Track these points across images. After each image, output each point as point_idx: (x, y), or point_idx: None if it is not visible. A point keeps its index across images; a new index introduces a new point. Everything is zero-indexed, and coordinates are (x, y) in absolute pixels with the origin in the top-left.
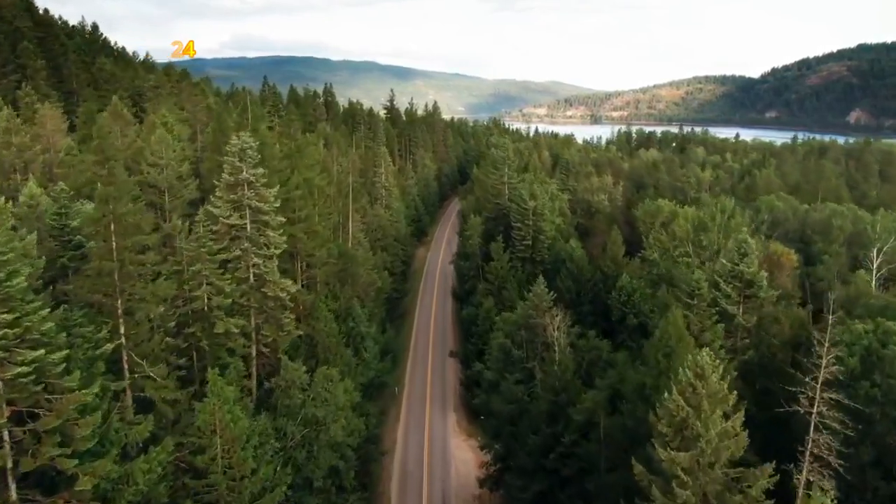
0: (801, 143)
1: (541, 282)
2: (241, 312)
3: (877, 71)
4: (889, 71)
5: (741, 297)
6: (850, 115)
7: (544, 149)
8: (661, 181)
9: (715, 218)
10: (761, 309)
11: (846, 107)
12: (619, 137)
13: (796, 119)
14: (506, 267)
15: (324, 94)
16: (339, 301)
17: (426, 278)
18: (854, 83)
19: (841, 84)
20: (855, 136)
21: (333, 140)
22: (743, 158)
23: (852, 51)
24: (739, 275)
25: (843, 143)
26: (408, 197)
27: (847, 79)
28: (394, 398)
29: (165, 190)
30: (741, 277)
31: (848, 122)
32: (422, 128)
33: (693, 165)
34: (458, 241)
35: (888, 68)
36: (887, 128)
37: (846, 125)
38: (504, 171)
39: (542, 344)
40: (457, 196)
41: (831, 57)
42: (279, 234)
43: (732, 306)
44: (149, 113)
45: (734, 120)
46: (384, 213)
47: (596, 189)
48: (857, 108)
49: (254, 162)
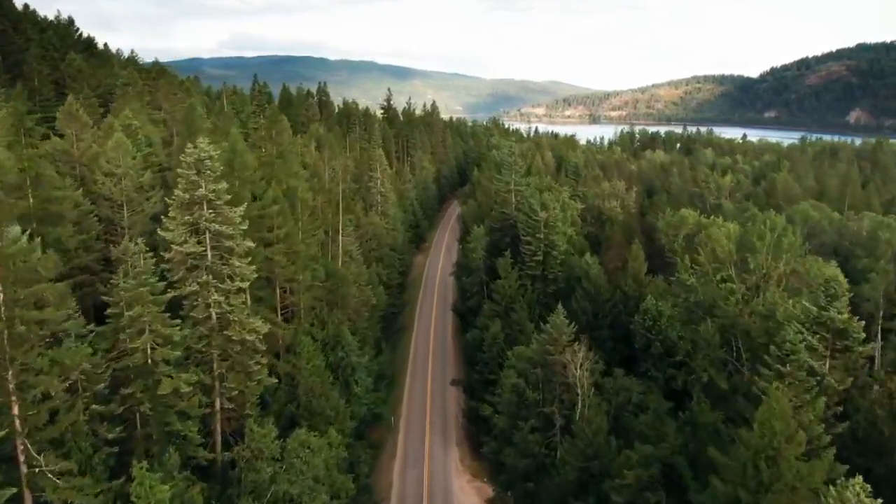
0: (809, 143)
1: (559, 311)
2: (200, 361)
3: (876, 70)
4: (889, 70)
5: (829, 349)
6: (850, 114)
7: (547, 150)
8: (674, 185)
9: (764, 237)
10: (856, 366)
11: (846, 106)
12: (622, 138)
13: (796, 119)
14: (514, 286)
15: (318, 93)
16: (327, 328)
17: (425, 289)
18: (853, 83)
19: (840, 84)
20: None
21: (326, 142)
22: (754, 160)
23: (851, 50)
24: (827, 322)
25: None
26: (405, 201)
27: (846, 78)
28: (390, 429)
29: (124, 203)
30: (829, 325)
31: (848, 122)
32: (420, 128)
33: (703, 167)
34: (458, 248)
35: (888, 68)
36: (887, 127)
37: (846, 125)
38: (510, 178)
39: (561, 385)
40: (456, 198)
41: (830, 56)
42: (247, 263)
43: (817, 361)
44: (114, 114)
45: (733, 120)
46: (380, 221)
47: (607, 195)
48: (856, 108)
49: (215, 174)
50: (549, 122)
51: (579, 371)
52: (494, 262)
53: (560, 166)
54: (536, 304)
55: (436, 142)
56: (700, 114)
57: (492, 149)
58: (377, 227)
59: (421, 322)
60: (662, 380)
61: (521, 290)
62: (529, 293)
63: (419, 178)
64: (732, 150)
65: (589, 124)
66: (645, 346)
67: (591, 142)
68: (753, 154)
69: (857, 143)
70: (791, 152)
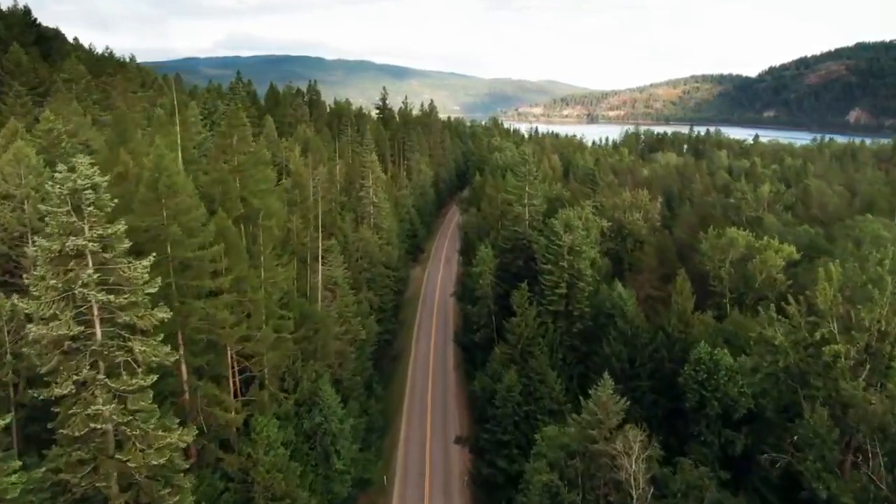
0: (824, 144)
1: (607, 383)
2: (81, 498)
3: (876, 70)
4: (888, 70)
5: None
6: (850, 114)
7: (552, 153)
8: (695, 192)
9: (883, 283)
10: None
11: (846, 106)
12: (628, 138)
13: (795, 119)
14: (532, 325)
15: (308, 92)
16: (301, 387)
17: (423, 308)
18: (853, 82)
19: (840, 83)
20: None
21: (314, 146)
22: (772, 163)
23: (851, 49)
24: None
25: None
26: (402, 209)
27: (846, 78)
28: (382, 491)
29: (27, 235)
30: None
31: (848, 122)
32: (417, 129)
33: (722, 171)
34: (458, 258)
35: (887, 67)
36: (888, 127)
37: (846, 124)
38: (524, 189)
39: (608, 482)
40: (455, 203)
41: (829, 56)
42: (158, 344)
43: None
44: (43, 116)
45: (732, 119)
46: (372, 237)
47: (628, 206)
48: (856, 108)
49: (102, 212)
50: (546, 122)
51: (634, 465)
52: (505, 289)
53: (567, 171)
54: (559, 346)
55: (434, 143)
56: (699, 114)
57: (494, 151)
58: (368, 244)
59: (419, 349)
60: (718, 445)
61: (540, 330)
62: (551, 333)
63: (416, 182)
64: (747, 152)
65: (587, 124)
66: (698, 405)
67: (596, 143)
68: (771, 156)
69: (868, 144)
70: (809, 154)
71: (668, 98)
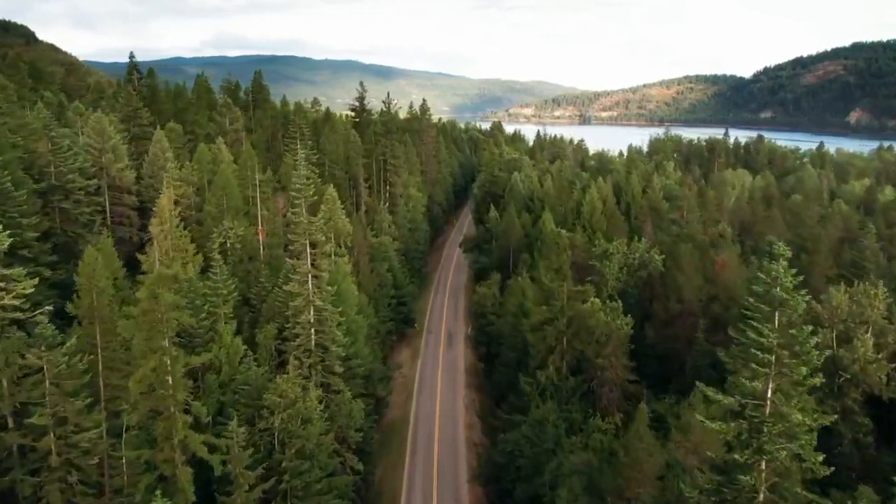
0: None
1: None
2: None
3: (875, 70)
4: (887, 70)
5: None
6: (851, 114)
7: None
8: (821, 242)
9: None
10: None
11: (845, 106)
12: (660, 146)
13: (793, 119)
14: None
15: (253, 90)
16: None
17: (413, 457)
18: (852, 82)
19: (838, 83)
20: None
21: (222, 180)
22: (881, 183)
23: (847, 49)
24: None
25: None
26: (379, 271)
27: (844, 78)
28: None
29: None
30: None
31: (848, 123)
32: (405, 138)
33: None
34: (468, 331)
35: (886, 67)
36: (890, 128)
37: (846, 125)
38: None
39: None
40: (453, 228)
41: (826, 56)
42: None
43: None
44: None
45: (727, 120)
46: (303, 401)
47: (852, 320)
48: (857, 108)
49: None
50: (538, 123)
51: None
52: None
53: (629, 210)
54: None
55: (426, 155)
56: (693, 114)
57: (511, 170)
58: (294, 418)
59: None
60: None
61: None
62: None
63: (403, 216)
64: (822, 163)
65: (579, 125)
66: None
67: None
68: (856, 171)
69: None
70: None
71: (662, 99)
